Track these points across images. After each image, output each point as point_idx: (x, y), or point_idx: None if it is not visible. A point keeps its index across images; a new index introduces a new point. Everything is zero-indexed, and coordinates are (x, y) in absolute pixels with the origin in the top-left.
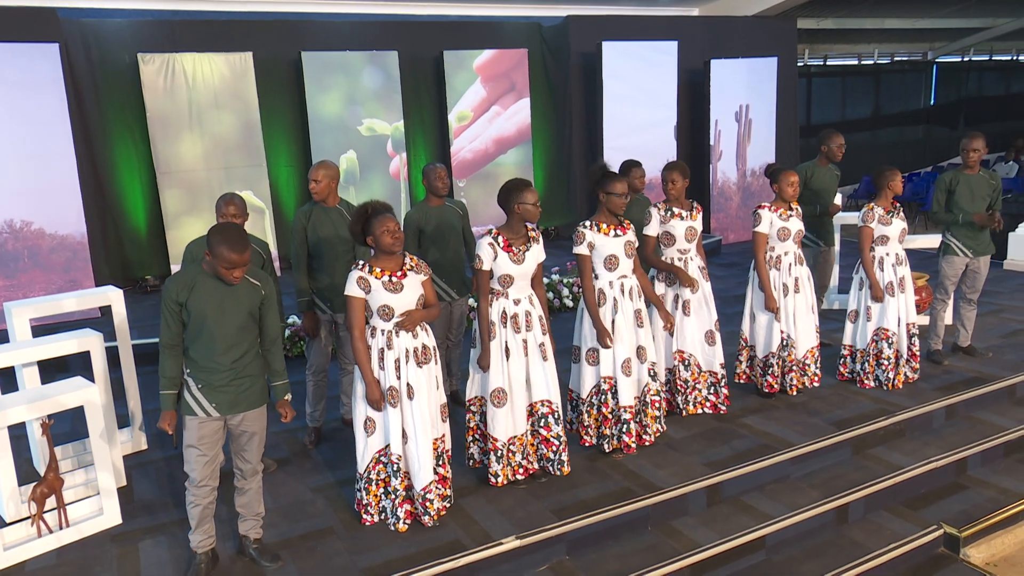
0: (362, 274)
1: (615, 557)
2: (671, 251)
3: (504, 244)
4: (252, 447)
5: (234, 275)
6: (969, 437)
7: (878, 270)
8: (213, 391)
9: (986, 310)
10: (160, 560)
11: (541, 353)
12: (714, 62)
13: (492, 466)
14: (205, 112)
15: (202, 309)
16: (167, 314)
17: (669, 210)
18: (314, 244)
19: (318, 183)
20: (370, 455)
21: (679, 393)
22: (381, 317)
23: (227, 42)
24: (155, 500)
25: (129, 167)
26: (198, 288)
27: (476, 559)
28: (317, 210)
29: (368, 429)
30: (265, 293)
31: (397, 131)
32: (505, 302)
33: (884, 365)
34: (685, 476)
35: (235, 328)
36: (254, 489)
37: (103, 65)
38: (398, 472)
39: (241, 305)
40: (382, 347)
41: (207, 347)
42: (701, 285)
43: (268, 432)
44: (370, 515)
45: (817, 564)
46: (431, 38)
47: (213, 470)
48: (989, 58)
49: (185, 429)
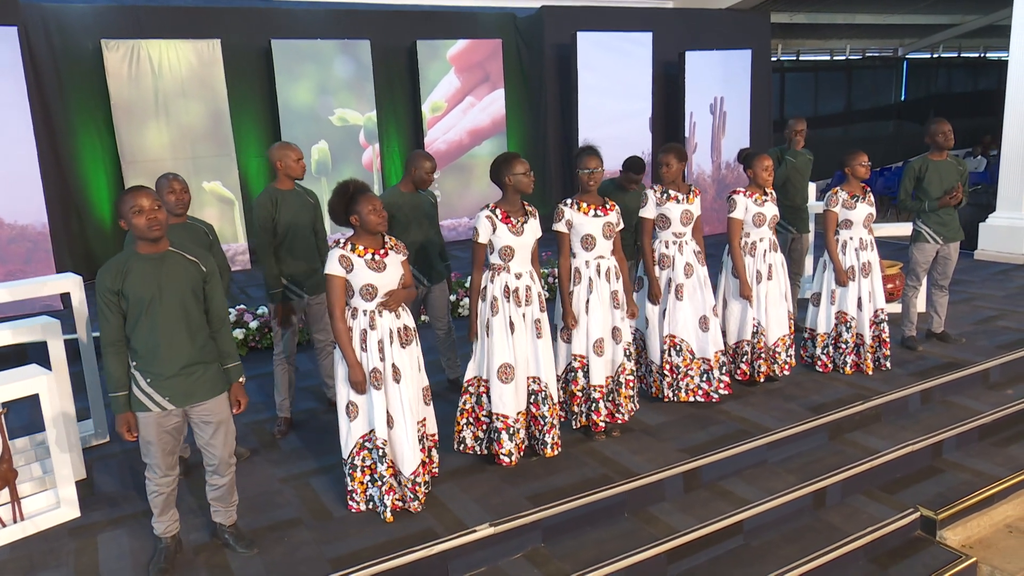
0: (344, 252)
1: (592, 544)
2: (666, 234)
3: (502, 216)
4: (218, 439)
5: (152, 220)
6: (944, 421)
7: (841, 254)
8: (163, 383)
9: (959, 298)
10: (120, 552)
11: (536, 330)
12: (689, 54)
13: (504, 445)
14: (172, 101)
15: (139, 294)
16: (104, 307)
17: (665, 192)
18: (283, 228)
19: (301, 159)
20: (354, 440)
21: (666, 378)
22: (363, 297)
23: (194, 29)
24: (116, 493)
25: (93, 156)
26: (133, 272)
27: (449, 547)
28: (281, 194)
29: (351, 413)
30: (207, 270)
31: (370, 121)
32: (507, 276)
33: (842, 348)
34: (662, 462)
35: (178, 310)
36: (227, 484)
37: (65, 51)
38: (383, 458)
39: (181, 284)
40: (364, 328)
41: (151, 336)
42: (696, 270)
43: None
44: (356, 502)
45: (795, 548)
46: (404, 27)
47: (174, 460)
48: (958, 55)
49: (140, 426)
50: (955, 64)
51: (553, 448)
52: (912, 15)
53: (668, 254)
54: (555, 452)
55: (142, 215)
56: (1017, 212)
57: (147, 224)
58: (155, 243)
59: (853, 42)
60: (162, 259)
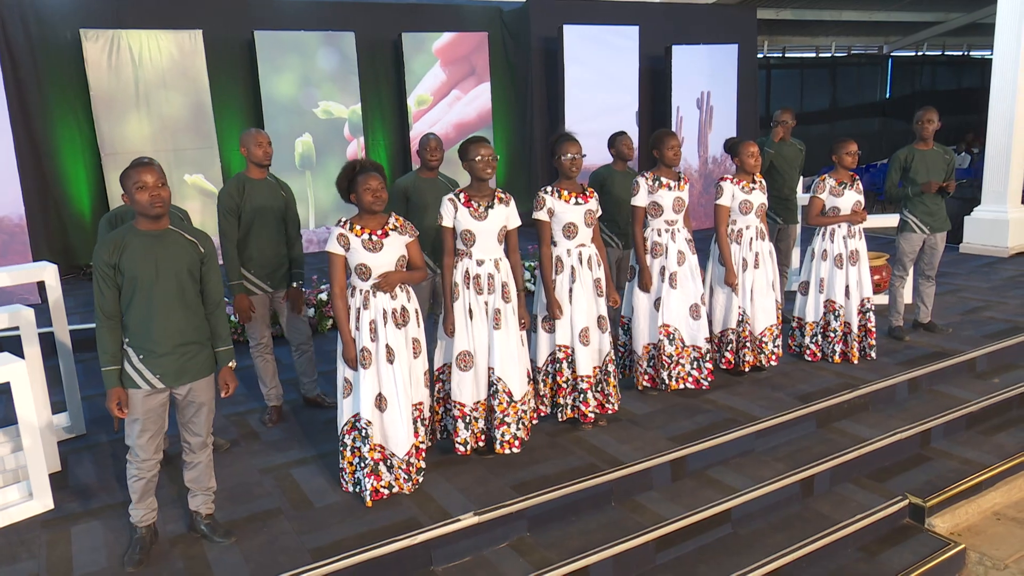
0: (343, 231)
1: (578, 533)
2: (658, 222)
3: (465, 199)
4: (201, 419)
5: (155, 197)
6: (932, 410)
7: (828, 241)
8: (156, 361)
9: (945, 290)
10: (94, 545)
11: (494, 320)
12: (676, 47)
13: (460, 433)
14: (153, 92)
15: (135, 270)
16: (100, 280)
17: (657, 179)
18: (248, 218)
19: (271, 147)
20: (346, 417)
21: (663, 368)
22: (359, 276)
23: (175, 19)
24: (91, 485)
25: (72, 148)
26: (130, 248)
27: (433, 536)
28: (250, 182)
29: (345, 391)
30: (204, 251)
31: (354, 114)
32: (468, 262)
33: (830, 337)
34: (649, 450)
35: (174, 289)
36: (204, 462)
37: (43, 41)
38: (367, 439)
39: (178, 263)
40: (359, 307)
41: (145, 312)
42: (688, 258)
43: (216, 415)
44: (346, 482)
45: (784, 536)
46: (389, 20)
47: (158, 443)
48: (942, 53)
49: (129, 402)
50: (939, 62)
51: (504, 446)
52: (896, 12)
53: (661, 242)
54: (505, 450)
55: (145, 191)
56: (1001, 205)
57: (150, 200)
58: (156, 220)
59: (839, 39)
60: (161, 236)
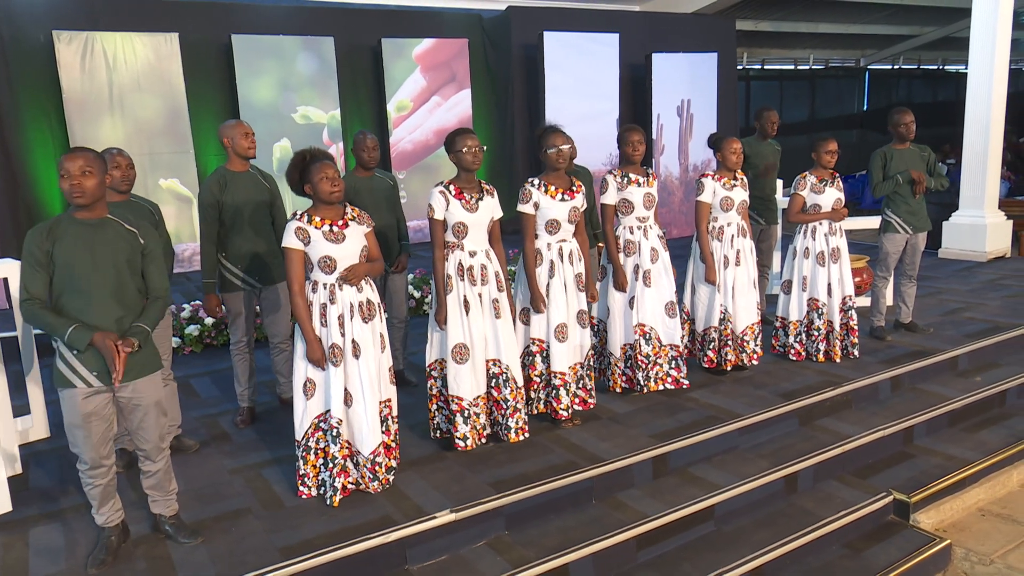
0: (300, 224)
1: (557, 531)
2: (629, 219)
3: (455, 192)
4: (149, 424)
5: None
6: (914, 407)
7: (810, 239)
8: (91, 356)
9: (925, 292)
10: (52, 547)
11: (494, 310)
12: (656, 55)
13: (459, 428)
14: (127, 95)
15: (69, 258)
16: (30, 263)
17: (626, 176)
18: (231, 212)
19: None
20: (309, 420)
21: (640, 369)
22: (323, 270)
23: (151, 22)
24: (52, 487)
25: (44, 151)
26: (64, 236)
27: (407, 534)
28: (231, 175)
29: (308, 392)
30: (145, 243)
31: (333, 119)
32: (461, 254)
33: (814, 336)
34: (630, 448)
35: (111, 280)
36: (163, 469)
37: (15, 42)
38: (337, 438)
39: (116, 252)
40: (324, 302)
41: (79, 304)
42: (661, 255)
43: (185, 417)
44: (307, 487)
45: (768, 533)
46: (369, 25)
47: (108, 448)
48: (917, 67)
49: (64, 405)
50: (915, 75)
51: (518, 433)
52: (872, 25)
53: (633, 240)
54: (520, 437)
55: (66, 180)
56: (979, 211)
57: (69, 189)
58: (88, 209)
59: (816, 52)
60: (97, 225)
